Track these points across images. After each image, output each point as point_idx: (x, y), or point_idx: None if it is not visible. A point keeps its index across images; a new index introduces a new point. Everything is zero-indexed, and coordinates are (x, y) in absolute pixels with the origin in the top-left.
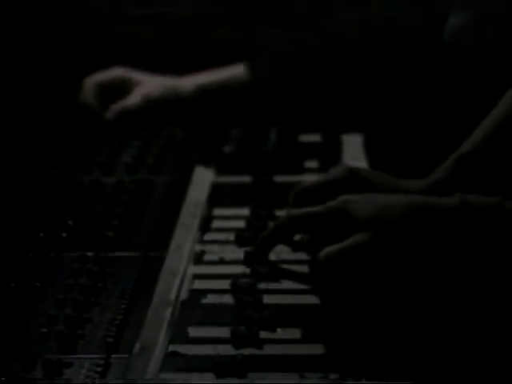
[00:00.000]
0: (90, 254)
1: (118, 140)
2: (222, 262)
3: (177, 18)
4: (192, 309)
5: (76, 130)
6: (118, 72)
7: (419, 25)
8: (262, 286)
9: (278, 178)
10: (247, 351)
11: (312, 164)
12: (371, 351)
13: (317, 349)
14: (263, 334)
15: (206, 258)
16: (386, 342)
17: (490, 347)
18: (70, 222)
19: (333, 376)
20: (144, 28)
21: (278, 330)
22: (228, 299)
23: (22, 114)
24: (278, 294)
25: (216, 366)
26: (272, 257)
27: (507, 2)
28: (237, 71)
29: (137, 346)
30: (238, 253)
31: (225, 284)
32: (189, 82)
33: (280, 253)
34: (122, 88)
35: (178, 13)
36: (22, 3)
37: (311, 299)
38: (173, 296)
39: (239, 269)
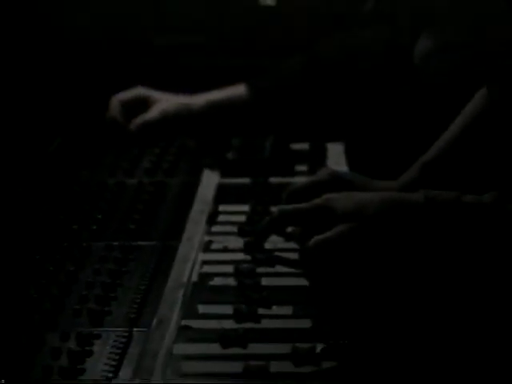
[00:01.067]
0: (115, 243)
1: (138, 148)
2: (226, 250)
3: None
4: (201, 289)
5: (104, 139)
6: (139, 90)
7: (390, 49)
8: (261, 270)
9: (273, 180)
10: (247, 325)
11: (301, 168)
12: (354, 327)
13: (306, 323)
14: (261, 311)
15: (213, 246)
16: (367, 319)
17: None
18: (99, 217)
19: (319, 346)
20: (167, 55)
21: (274, 307)
22: (231, 281)
23: (60, 125)
24: (273, 277)
25: (221, 337)
26: (268, 246)
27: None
28: (239, 90)
29: (154, 321)
30: (240, 242)
31: (229, 268)
32: (199, 100)
33: (275, 242)
34: (143, 104)
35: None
36: (51, 30)
37: (301, 281)
38: (185, 279)
39: (241, 256)
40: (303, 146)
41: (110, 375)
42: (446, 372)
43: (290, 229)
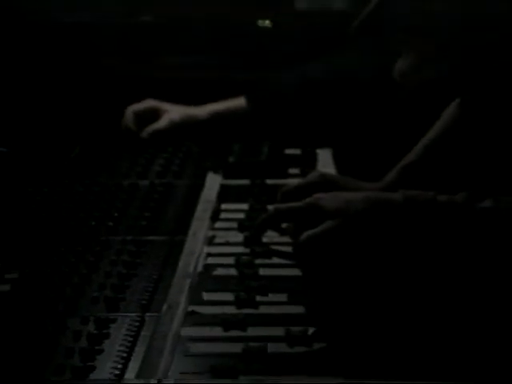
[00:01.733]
0: (129, 237)
1: (150, 153)
2: (227, 244)
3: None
4: (206, 279)
5: (119, 145)
6: (150, 102)
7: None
8: (259, 261)
9: (269, 181)
10: (247, 311)
11: (294, 171)
12: (343, 314)
13: (299, 309)
14: (259, 298)
15: (216, 240)
16: (355, 305)
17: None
18: (115, 214)
19: (311, 330)
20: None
21: (270, 295)
22: (232, 272)
23: (79, 134)
24: (270, 268)
25: (223, 321)
26: (265, 240)
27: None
28: (239, 102)
29: (164, 307)
30: (240, 237)
31: (230, 260)
32: (203, 110)
33: (271, 237)
34: (154, 114)
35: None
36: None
37: (295, 272)
38: (191, 269)
39: (241, 249)
40: (296, 151)
41: (125, 355)
42: (432, 355)
43: (284, 225)
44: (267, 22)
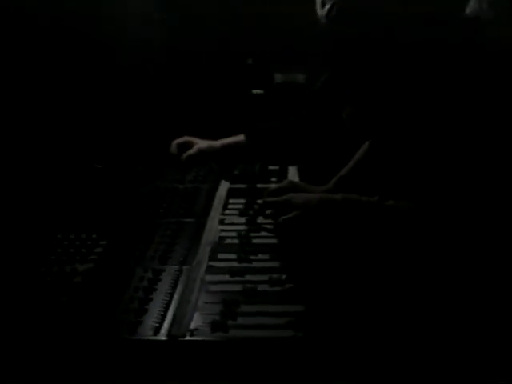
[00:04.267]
0: (173, 220)
1: (185, 169)
2: (233, 223)
3: None
4: (219, 245)
5: (168, 164)
6: (186, 138)
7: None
8: (252, 234)
9: (259, 185)
10: (244, 265)
11: (274, 179)
12: (306, 266)
13: (277, 264)
14: (252, 257)
15: (226, 221)
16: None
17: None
18: (164, 205)
19: (283, 276)
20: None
21: (259, 255)
22: (236, 241)
23: (141, 153)
24: (259, 238)
25: (230, 271)
26: (257, 221)
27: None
28: (241, 138)
29: (194, 262)
30: (241, 219)
31: (234, 234)
32: (218, 143)
33: (261, 219)
34: (188, 145)
35: None
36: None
37: (275, 241)
38: (211, 239)
39: (241, 227)
40: (275, 167)
41: (170, 291)
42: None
43: (268, 211)
44: (259, 91)
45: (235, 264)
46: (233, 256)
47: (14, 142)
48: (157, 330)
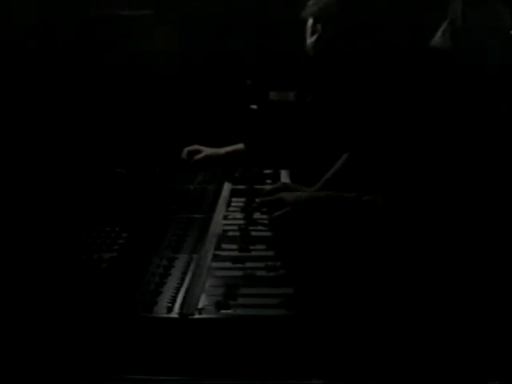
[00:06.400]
0: (184, 215)
1: (194, 172)
2: (234, 218)
3: None
4: (223, 237)
5: (179, 168)
6: (195, 146)
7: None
8: (251, 228)
9: (256, 186)
10: (244, 254)
11: (268, 181)
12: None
13: (272, 252)
14: (251, 247)
15: (229, 217)
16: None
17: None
18: (176, 203)
19: (278, 263)
20: None
21: (257, 245)
22: (237, 233)
23: (158, 158)
24: (257, 231)
25: (232, 259)
26: (254, 217)
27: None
28: (240, 147)
29: (202, 251)
30: (241, 215)
31: (236, 227)
32: (222, 150)
33: (257, 215)
34: (197, 151)
35: None
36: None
37: (270, 234)
38: (216, 232)
39: (241, 221)
40: (269, 171)
41: (182, 276)
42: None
43: (263, 209)
44: (255, 106)
45: (236, 253)
46: (234, 246)
47: (52, 152)
48: (170, 309)
